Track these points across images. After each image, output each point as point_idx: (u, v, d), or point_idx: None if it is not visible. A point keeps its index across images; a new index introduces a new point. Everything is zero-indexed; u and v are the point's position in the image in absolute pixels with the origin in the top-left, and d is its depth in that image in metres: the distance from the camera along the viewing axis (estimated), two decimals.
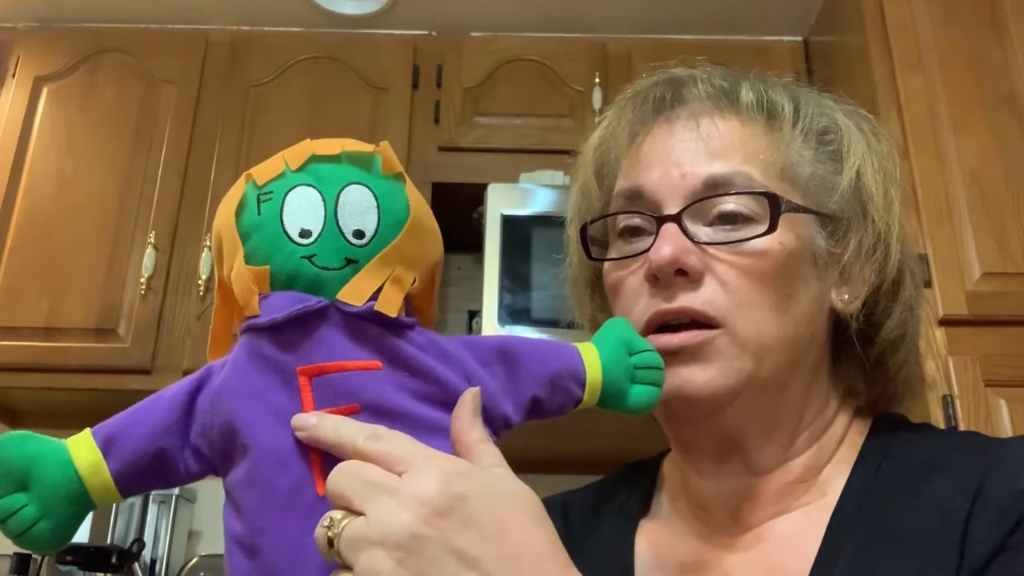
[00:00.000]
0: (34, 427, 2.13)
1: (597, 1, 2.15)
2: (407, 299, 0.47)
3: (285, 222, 0.45)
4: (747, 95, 0.64)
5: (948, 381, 1.48)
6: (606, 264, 0.66)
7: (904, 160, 1.60)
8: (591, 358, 0.51)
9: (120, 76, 2.14)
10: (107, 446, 0.45)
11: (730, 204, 0.60)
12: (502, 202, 1.85)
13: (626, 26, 2.19)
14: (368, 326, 0.45)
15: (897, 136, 1.63)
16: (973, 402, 1.46)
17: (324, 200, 0.45)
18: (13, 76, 2.13)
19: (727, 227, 0.60)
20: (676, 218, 0.60)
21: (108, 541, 1.75)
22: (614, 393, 0.52)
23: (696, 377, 0.58)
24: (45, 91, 2.12)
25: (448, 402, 0.46)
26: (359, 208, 0.45)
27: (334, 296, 0.45)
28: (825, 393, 0.65)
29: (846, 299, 0.63)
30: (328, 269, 0.45)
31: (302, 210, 0.45)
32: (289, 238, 0.45)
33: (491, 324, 1.76)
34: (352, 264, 0.45)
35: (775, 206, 0.59)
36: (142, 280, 1.93)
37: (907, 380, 0.67)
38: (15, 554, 1.81)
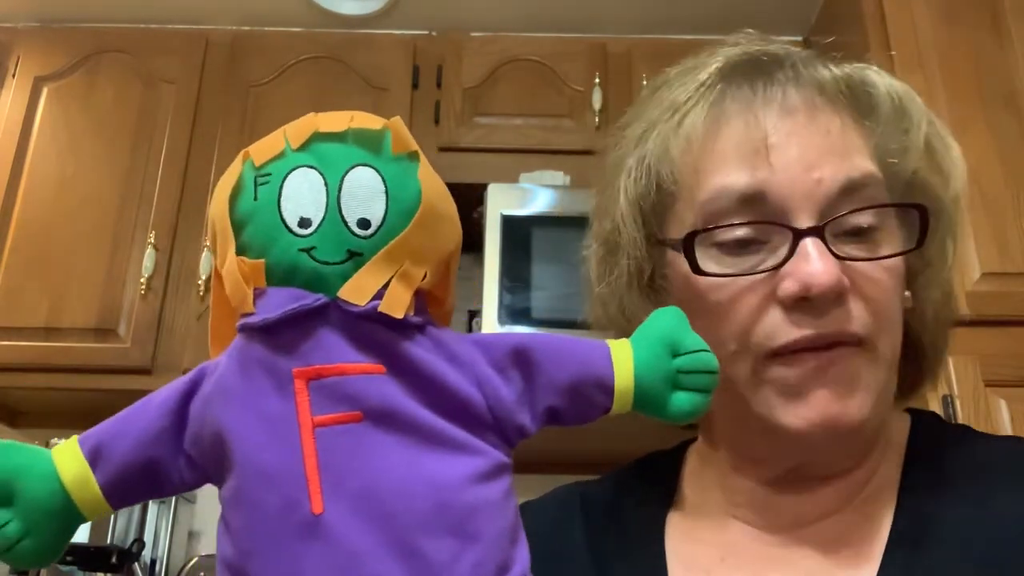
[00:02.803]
0: (34, 427, 2.11)
1: (597, 1, 2.15)
2: (419, 293, 0.42)
3: (283, 209, 0.40)
4: (863, 89, 0.58)
5: (948, 381, 1.48)
6: (706, 279, 0.54)
7: None
8: (623, 362, 0.45)
9: (120, 76, 2.14)
10: (95, 456, 0.42)
11: (867, 216, 0.53)
12: (502, 202, 1.85)
13: (626, 26, 2.18)
14: (372, 327, 0.40)
15: None
16: (973, 402, 1.46)
17: (327, 184, 0.41)
18: (13, 76, 2.13)
19: (857, 239, 0.54)
20: (819, 232, 0.52)
21: (108, 541, 1.75)
22: (650, 401, 0.45)
23: (850, 408, 0.52)
24: (45, 91, 2.12)
25: (456, 410, 0.42)
26: (365, 194, 0.41)
27: (335, 293, 0.40)
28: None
29: (907, 299, 0.59)
30: (328, 263, 0.40)
31: (302, 196, 0.40)
32: (287, 228, 0.40)
33: (491, 324, 1.76)
34: (356, 257, 0.40)
35: (925, 220, 0.53)
36: (142, 280, 1.93)
37: (931, 369, 0.63)
38: None
